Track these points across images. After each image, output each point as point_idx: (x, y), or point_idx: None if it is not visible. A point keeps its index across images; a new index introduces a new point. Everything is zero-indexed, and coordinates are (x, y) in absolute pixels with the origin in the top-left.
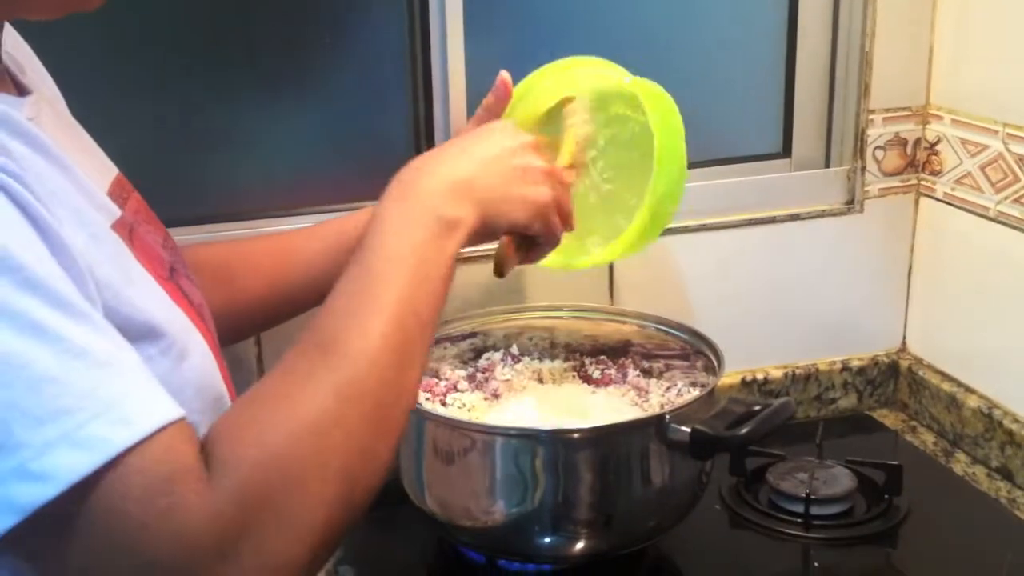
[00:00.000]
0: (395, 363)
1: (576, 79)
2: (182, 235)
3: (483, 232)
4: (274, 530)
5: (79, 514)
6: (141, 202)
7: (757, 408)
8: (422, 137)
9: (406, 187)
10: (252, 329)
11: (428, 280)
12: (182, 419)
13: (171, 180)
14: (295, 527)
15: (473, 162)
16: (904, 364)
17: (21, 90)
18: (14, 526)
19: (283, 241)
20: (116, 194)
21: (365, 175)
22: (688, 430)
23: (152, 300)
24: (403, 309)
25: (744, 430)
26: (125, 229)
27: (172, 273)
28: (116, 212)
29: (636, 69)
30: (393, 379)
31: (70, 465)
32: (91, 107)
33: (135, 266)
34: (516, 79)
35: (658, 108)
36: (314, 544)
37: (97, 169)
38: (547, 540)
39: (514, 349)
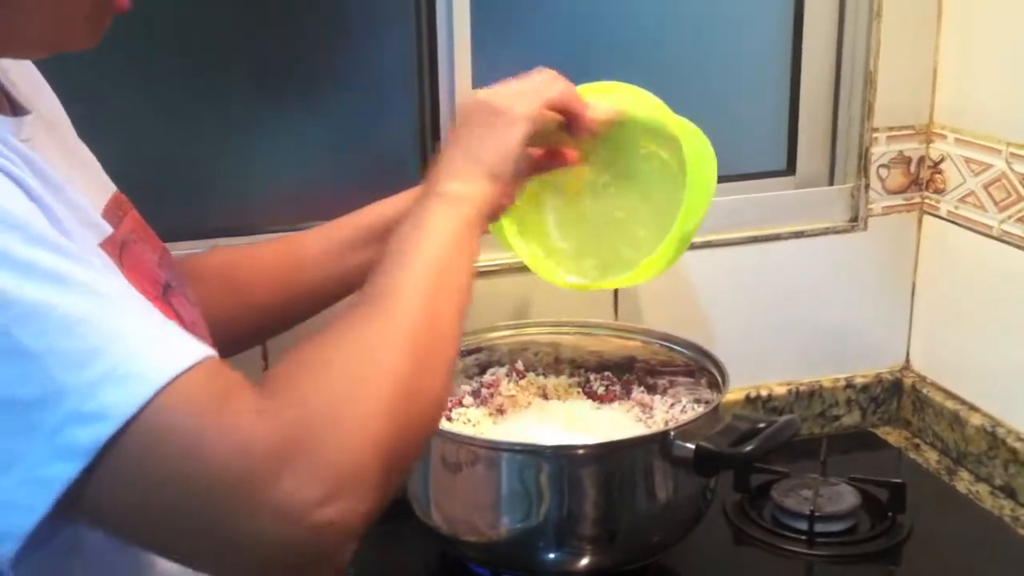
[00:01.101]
0: (430, 298)
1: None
2: (189, 249)
3: (502, 178)
4: (332, 438)
5: (138, 446)
6: (138, 220)
7: (761, 425)
8: (429, 150)
9: (424, 188)
10: (263, 333)
11: (448, 236)
12: (215, 357)
13: (179, 193)
14: (352, 438)
15: (470, 137)
16: (908, 382)
17: (17, 110)
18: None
19: (291, 244)
20: (111, 213)
21: (372, 188)
22: (692, 447)
23: None
24: (431, 262)
25: (748, 447)
26: (115, 247)
27: (165, 291)
28: (107, 230)
29: (641, 85)
30: (431, 311)
31: (123, 400)
32: (97, 122)
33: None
34: None
35: (695, 146)
36: (372, 459)
37: (93, 188)
38: (551, 555)
39: (519, 365)
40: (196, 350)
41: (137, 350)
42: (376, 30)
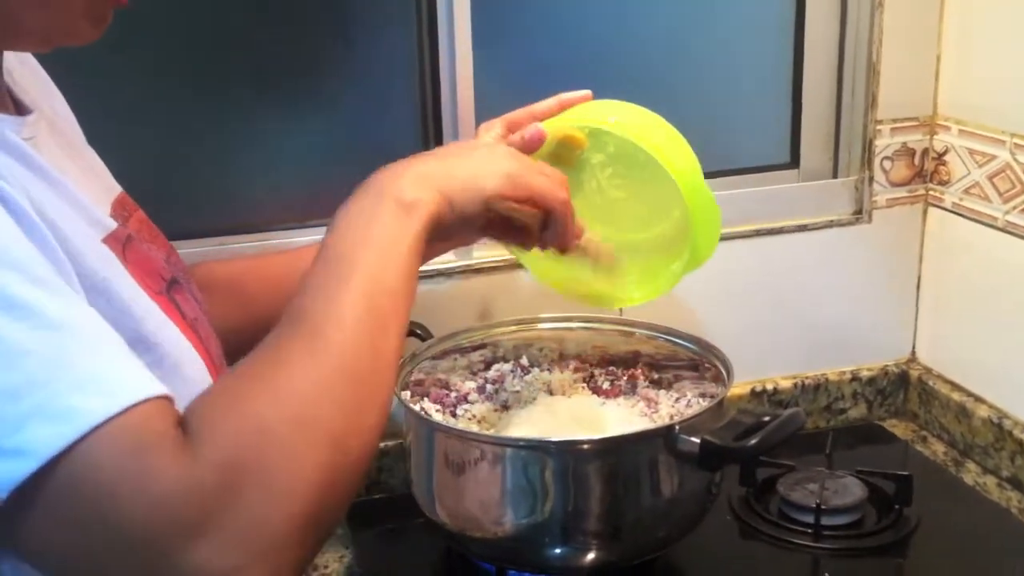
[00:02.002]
0: (368, 333)
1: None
2: (195, 248)
3: (456, 213)
4: (258, 497)
5: (54, 487)
6: (144, 221)
7: (767, 419)
8: (430, 147)
9: (368, 184)
10: None
11: (394, 257)
12: (165, 397)
13: (183, 193)
14: (281, 493)
15: (438, 157)
16: (914, 374)
17: (21, 109)
18: None
19: (297, 256)
20: (117, 212)
21: None
22: (697, 441)
23: (140, 312)
24: (372, 286)
25: (753, 441)
26: (118, 243)
27: (170, 287)
28: (111, 225)
29: (643, 81)
30: (368, 349)
31: (46, 438)
32: (100, 122)
33: (125, 278)
34: (522, 89)
35: (699, 203)
36: (303, 515)
37: (98, 188)
38: (557, 551)
39: (524, 360)
40: (140, 390)
41: (78, 386)
42: (377, 29)
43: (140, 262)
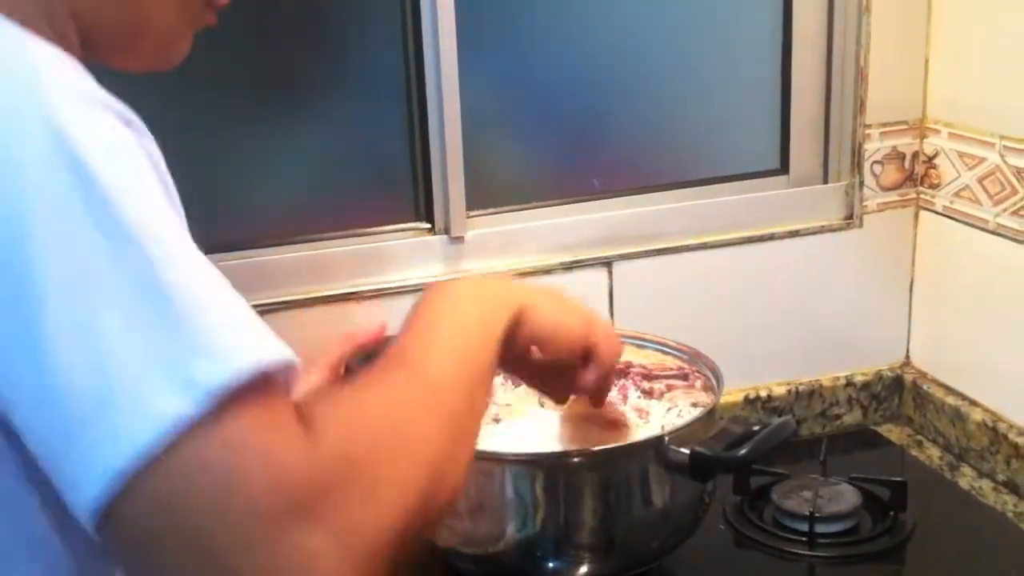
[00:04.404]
0: (467, 379)
1: None
2: None
3: (532, 328)
4: (361, 498)
5: (170, 460)
6: None
7: (756, 428)
8: (417, 159)
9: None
10: None
11: (485, 338)
12: (295, 363)
13: None
14: (382, 502)
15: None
16: (909, 378)
17: None
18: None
19: None
20: None
21: (362, 202)
22: (687, 452)
23: None
24: (467, 353)
25: (743, 451)
26: None
27: None
28: None
29: (631, 88)
30: (466, 390)
31: (209, 375)
32: None
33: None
34: (508, 99)
35: None
36: (393, 527)
37: None
38: (550, 564)
39: None
40: (277, 352)
41: (225, 337)
42: (362, 46)
43: None
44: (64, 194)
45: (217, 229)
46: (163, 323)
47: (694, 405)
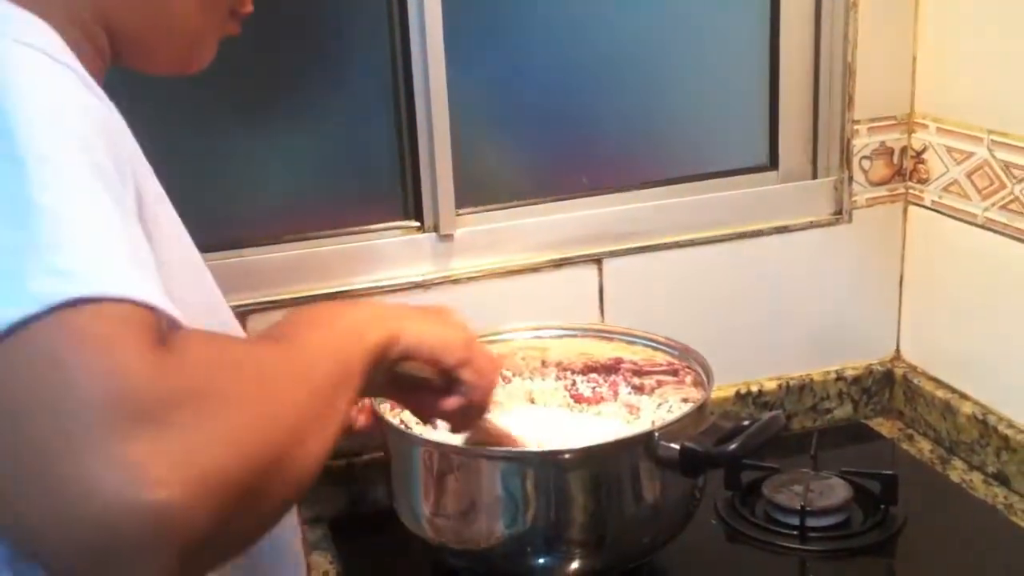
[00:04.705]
0: (336, 373)
1: None
2: None
3: (405, 347)
4: (209, 427)
5: (18, 354)
6: None
7: (746, 423)
8: (406, 162)
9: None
10: None
11: (359, 342)
12: (156, 309)
13: None
14: (229, 438)
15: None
16: (899, 372)
17: None
18: None
19: None
20: None
21: (351, 201)
22: (677, 447)
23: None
24: (339, 354)
25: (733, 446)
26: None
27: None
28: None
29: (620, 85)
30: (333, 385)
31: (43, 289)
32: None
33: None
34: (497, 99)
35: None
36: (228, 463)
37: None
38: (541, 561)
39: (505, 370)
40: (145, 291)
41: (79, 258)
42: (350, 47)
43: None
44: None
45: (206, 229)
46: (19, 237)
47: (684, 401)
